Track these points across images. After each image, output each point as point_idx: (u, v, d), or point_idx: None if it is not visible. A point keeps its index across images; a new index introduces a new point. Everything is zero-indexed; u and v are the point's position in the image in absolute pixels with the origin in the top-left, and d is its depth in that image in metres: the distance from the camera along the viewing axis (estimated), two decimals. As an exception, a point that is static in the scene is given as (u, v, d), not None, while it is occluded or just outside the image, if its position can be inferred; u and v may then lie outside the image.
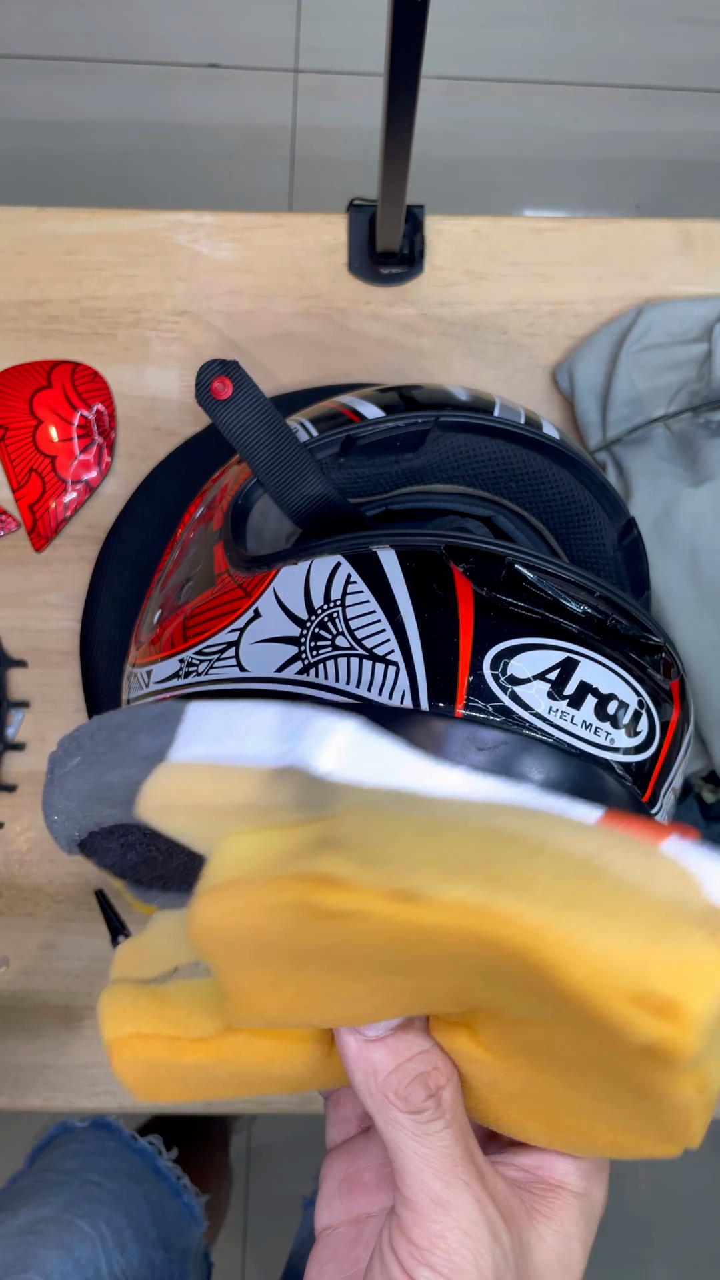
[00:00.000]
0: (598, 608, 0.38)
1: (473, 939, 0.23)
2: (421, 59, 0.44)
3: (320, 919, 0.23)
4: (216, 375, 0.43)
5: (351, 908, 0.22)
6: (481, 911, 0.22)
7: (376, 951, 0.24)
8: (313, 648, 0.38)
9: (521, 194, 1.40)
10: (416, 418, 0.45)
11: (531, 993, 0.23)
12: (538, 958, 0.22)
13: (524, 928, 0.22)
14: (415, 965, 0.25)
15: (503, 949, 0.22)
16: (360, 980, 0.26)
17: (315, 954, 0.25)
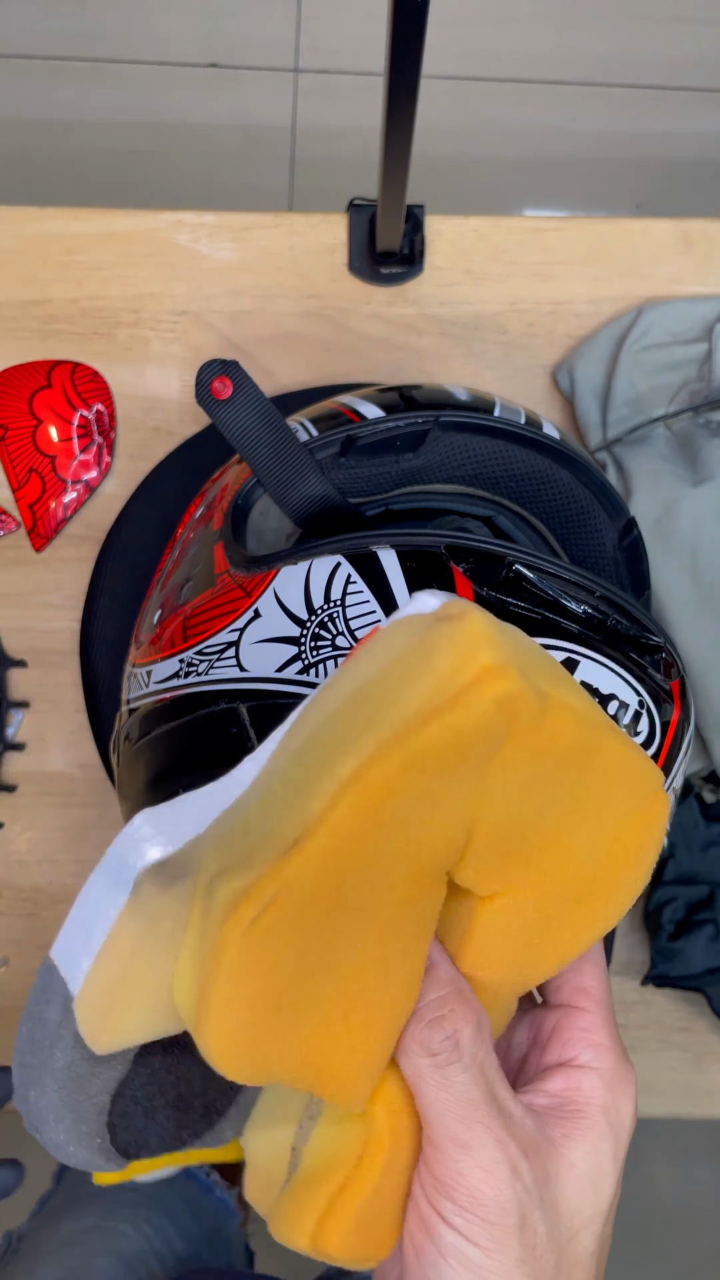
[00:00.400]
0: (598, 608, 0.38)
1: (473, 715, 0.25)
2: (421, 59, 0.44)
3: (276, 915, 0.24)
4: (216, 375, 0.43)
5: (269, 887, 0.24)
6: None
7: (334, 881, 0.25)
8: (313, 648, 0.38)
9: (521, 194, 1.40)
10: (416, 418, 0.45)
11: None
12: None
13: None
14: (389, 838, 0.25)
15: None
16: (344, 925, 0.26)
17: (296, 949, 0.25)
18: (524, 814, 0.27)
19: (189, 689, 0.41)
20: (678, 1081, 0.61)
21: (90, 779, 0.62)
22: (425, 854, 0.26)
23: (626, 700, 0.38)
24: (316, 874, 0.25)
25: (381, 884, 0.26)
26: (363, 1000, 0.27)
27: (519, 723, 0.25)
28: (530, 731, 0.25)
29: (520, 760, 0.26)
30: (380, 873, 0.26)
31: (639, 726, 0.39)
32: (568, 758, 0.27)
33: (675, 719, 0.41)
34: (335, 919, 0.25)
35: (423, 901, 0.27)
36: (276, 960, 0.25)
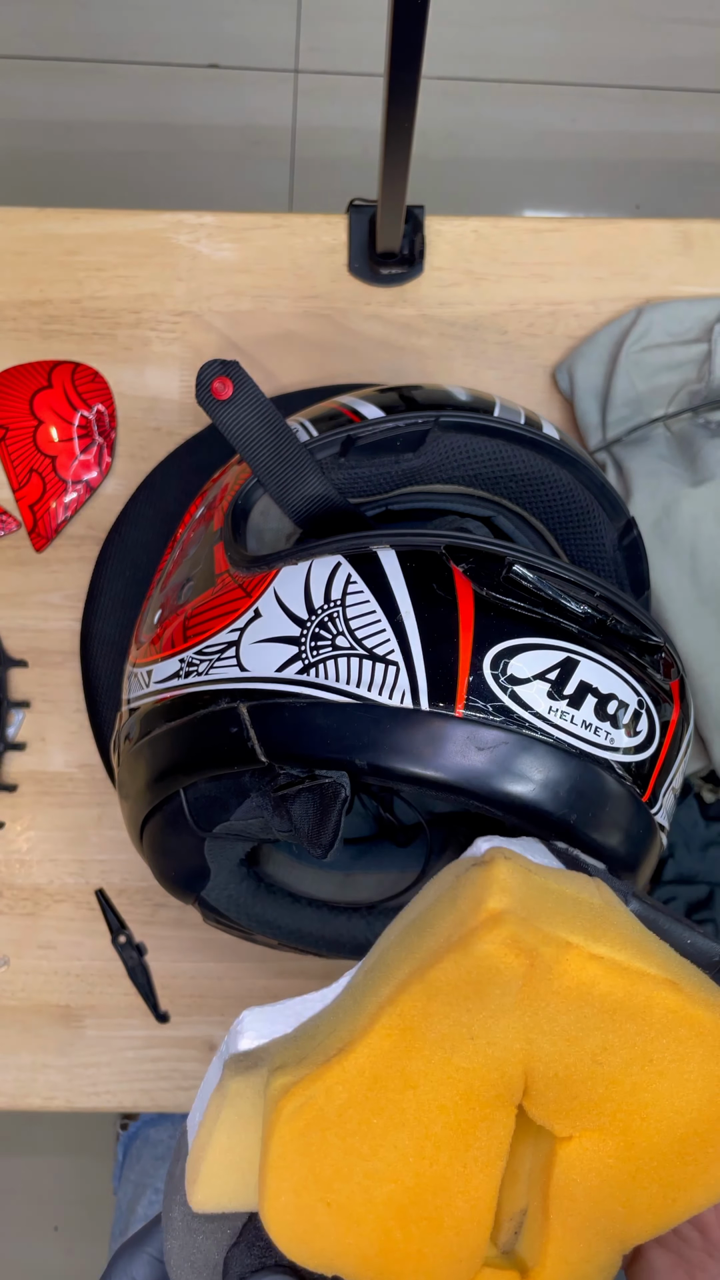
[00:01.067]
0: (598, 608, 0.38)
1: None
2: (421, 59, 0.44)
3: (317, 1115, 0.27)
4: (217, 375, 0.43)
5: (316, 1088, 0.27)
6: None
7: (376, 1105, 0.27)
8: (313, 647, 0.38)
9: (521, 194, 1.40)
10: (416, 418, 0.45)
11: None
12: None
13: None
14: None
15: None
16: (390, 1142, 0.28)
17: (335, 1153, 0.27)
18: (578, 1058, 0.28)
19: (189, 689, 0.41)
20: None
21: (90, 779, 0.62)
22: (477, 1082, 0.28)
23: (626, 700, 0.38)
24: (354, 1082, 0.27)
25: (430, 1103, 0.28)
26: (421, 1207, 0.28)
27: (535, 967, 0.27)
28: (549, 975, 0.27)
29: (552, 1004, 0.27)
30: (426, 1092, 0.27)
31: (638, 726, 0.39)
32: (610, 1007, 0.27)
33: (675, 719, 0.41)
34: (377, 1129, 0.27)
35: (484, 1129, 0.28)
36: (320, 1156, 0.27)
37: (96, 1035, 0.61)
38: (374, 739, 0.36)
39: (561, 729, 0.37)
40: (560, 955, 0.27)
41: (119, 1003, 0.61)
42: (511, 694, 0.36)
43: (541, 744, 0.36)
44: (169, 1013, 0.61)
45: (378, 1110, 0.27)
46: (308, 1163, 0.27)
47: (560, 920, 0.28)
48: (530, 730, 0.36)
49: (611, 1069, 0.28)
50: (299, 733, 0.38)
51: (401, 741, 0.36)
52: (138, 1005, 0.61)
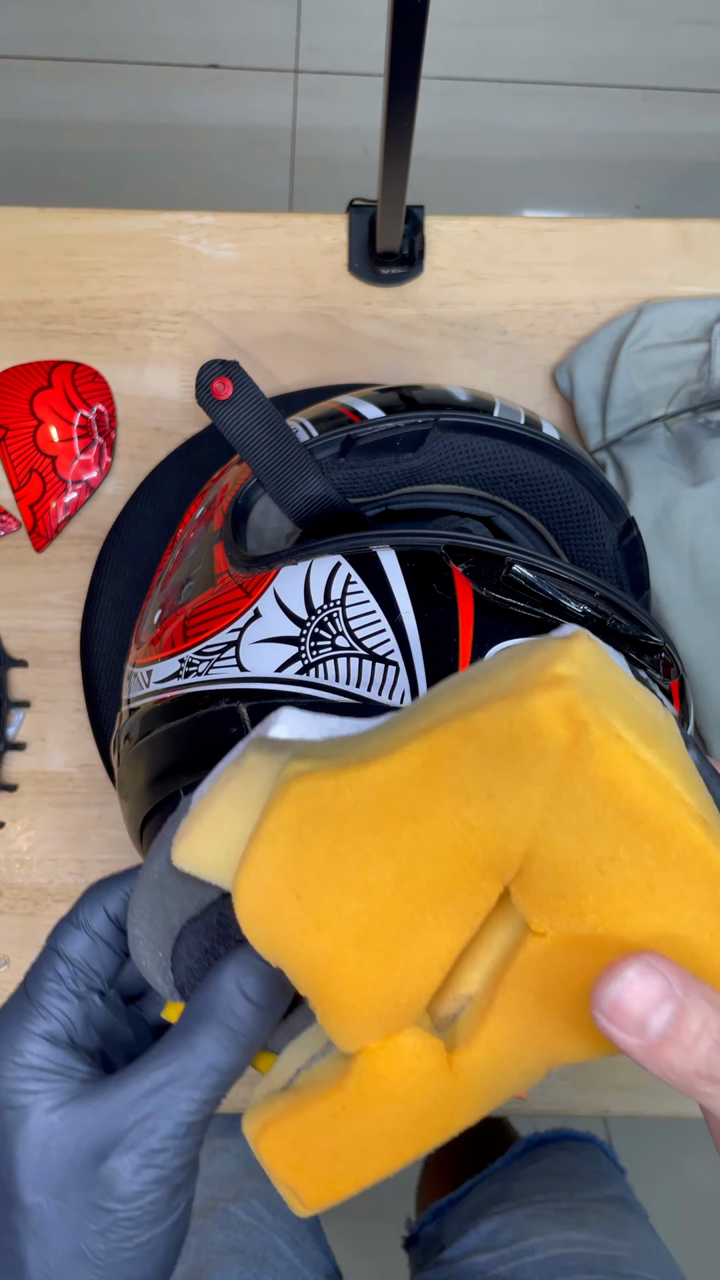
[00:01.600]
0: (597, 608, 0.38)
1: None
2: (421, 59, 0.44)
3: (318, 807, 0.27)
4: (217, 375, 0.43)
5: (326, 783, 0.27)
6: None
7: (373, 815, 0.27)
8: (313, 647, 0.38)
9: (521, 194, 1.40)
10: (416, 418, 0.45)
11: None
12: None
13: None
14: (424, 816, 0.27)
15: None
16: (377, 857, 0.27)
17: (333, 843, 0.27)
18: (583, 858, 0.27)
19: (189, 689, 0.41)
20: (677, 1081, 0.61)
21: (90, 779, 0.62)
22: (477, 843, 0.27)
23: (626, 700, 0.38)
24: (363, 794, 0.27)
25: (426, 842, 0.27)
26: (382, 939, 0.28)
27: (579, 743, 0.26)
28: (589, 757, 0.26)
29: (580, 789, 0.26)
30: (427, 831, 0.27)
31: (638, 726, 0.39)
32: (635, 816, 0.26)
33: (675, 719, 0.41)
34: (369, 846, 0.27)
35: (467, 891, 0.28)
36: (308, 847, 0.27)
37: (96, 1035, 0.61)
38: (374, 739, 0.36)
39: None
40: (607, 741, 0.26)
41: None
42: (511, 694, 0.36)
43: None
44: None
45: (376, 829, 0.27)
46: (294, 849, 0.27)
47: (620, 714, 0.26)
48: (530, 730, 0.36)
49: (611, 883, 0.27)
50: (299, 733, 0.38)
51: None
52: (138, 1005, 0.61)
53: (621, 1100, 0.61)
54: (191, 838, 0.30)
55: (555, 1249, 0.61)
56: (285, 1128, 0.30)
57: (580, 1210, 0.66)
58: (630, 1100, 0.61)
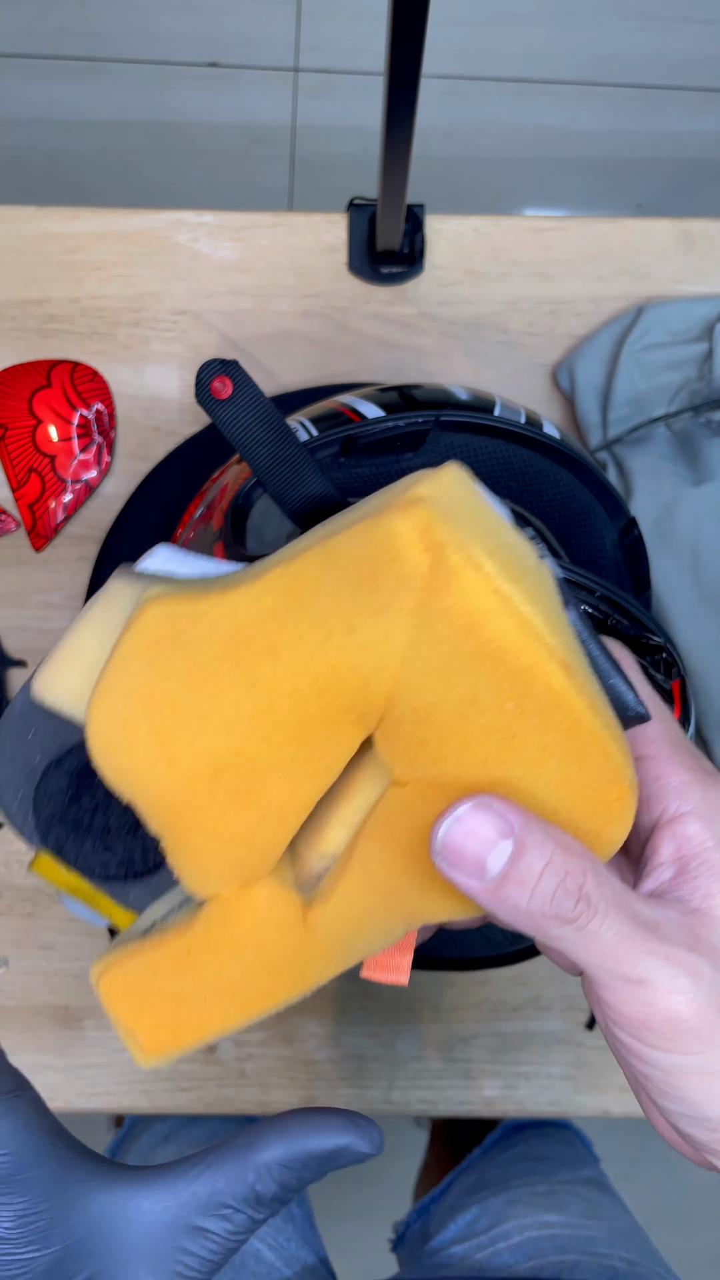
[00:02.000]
0: (598, 607, 0.38)
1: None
2: (421, 59, 0.44)
3: (173, 633, 0.26)
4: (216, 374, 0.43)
5: (183, 608, 0.26)
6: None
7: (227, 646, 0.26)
8: (313, 648, 0.38)
9: (521, 194, 1.40)
10: (416, 417, 0.45)
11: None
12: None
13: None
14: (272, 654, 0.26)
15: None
16: (230, 686, 0.26)
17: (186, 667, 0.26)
18: (444, 700, 0.26)
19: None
20: (678, 1082, 0.61)
21: (90, 779, 0.62)
22: (337, 682, 0.26)
23: (627, 700, 0.38)
24: (220, 621, 0.26)
25: (286, 679, 0.26)
26: (236, 777, 0.27)
27: (437, 571, 0.24)
28: (448, 587, 0.24)
29: (439, 624, 0.25)
30: (286, 666, 0.26)
31: (639, 726, 0.39)
32: (494, 653, 0.25)
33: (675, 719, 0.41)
34: (226, 678, 0.26)
35: (328, 735, 0.27)
36: (161, 672, 0.26)
37: (96, 1036, 0.61)
38: (374, 739, 0.36)
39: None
40: (465, 569, 0.24)
41: (119, 1003, 0.61)
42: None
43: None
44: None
45: (233, 661, 0.26)
46: (147, 676, 0.26)
47: (483, 545, 0.25)
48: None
49: (471, 729, 0.26)
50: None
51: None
52: (137, 1006, 0.61)
53: (621, 1100, 0.61)
54: (51, 666, 0.29)
55: (530, 1231, 0.61)
56: (128, 968, 0.29)
57: (556, 1193, 0.66)
58: (630, 1100, 0.61)
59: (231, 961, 0.29)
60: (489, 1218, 0.64)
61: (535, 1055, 0.62)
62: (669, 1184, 1.30)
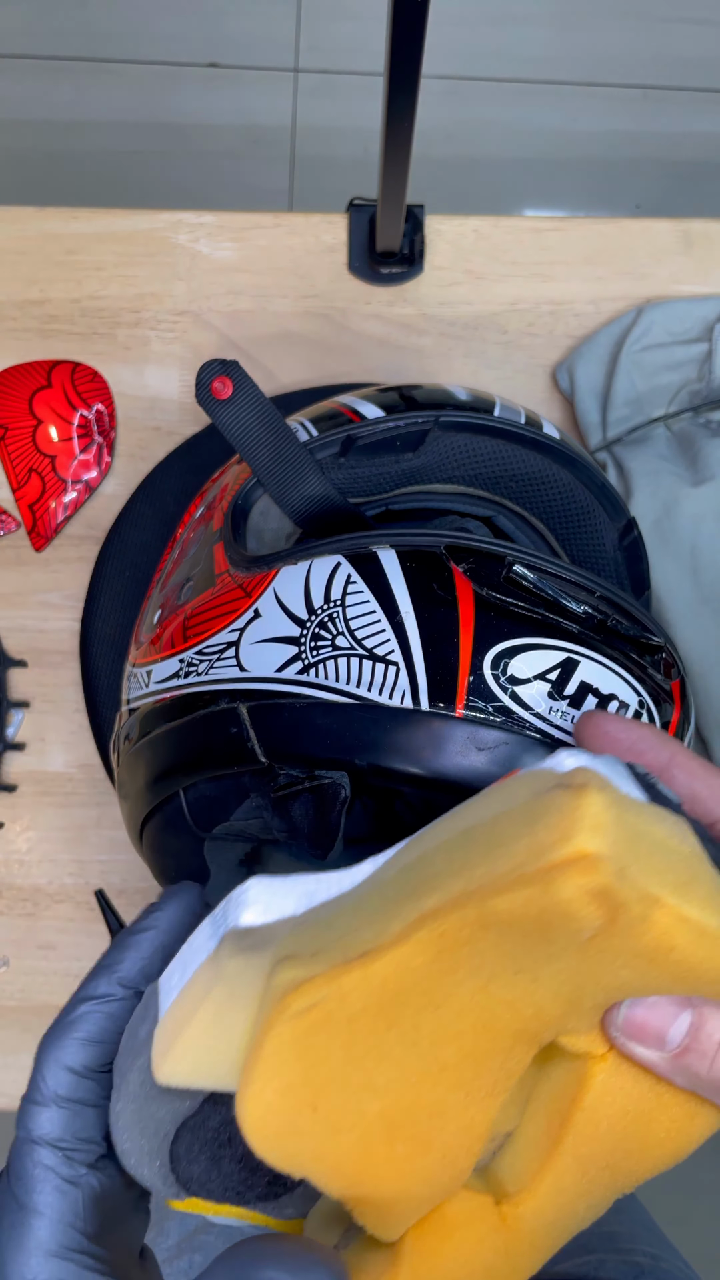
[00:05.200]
0: (598, 608, 0.38)
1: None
2: (421, 59, 0.44)
3: (323, 1017, 0.24)
4: (216, 375, 0.43)
5: (328, 990, 0.24)
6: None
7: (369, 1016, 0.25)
8: (313, 648, 0.38)
9: (521, 194, 1.40)
10: (416, 417, 0.45)
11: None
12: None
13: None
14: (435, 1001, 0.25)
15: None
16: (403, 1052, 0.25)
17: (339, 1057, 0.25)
18: (629, 992, 0.26)
19: (189, 689, 0.41)
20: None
21: (90, 779, 0.62)
22: (507, 1015, 0.25)
23: (627, 700, 0.38)
24: (373, 993, 0.25)
25: (449, 1027, 0.25)
26: (410, 1134, 0.26)
27: (616, 921, 0.24)
28: (629, 934, 0.24)
29: (621, 959, 0.25)
30: (448, 1015, 0.25)
31: (639, 726, 0.39)
32: (682, 973, 0.25)
33: (675, 719, 0.41)
34: (388, 1044, 0.25)
35: (499, 1061, 0.26)
36: (318, 1060, 0.25)
37: (96, 1036, 0.61)
38: (374, 739, 0.36)
39: (562, 729, 0.37)
40: (648, 914, 0.24)
41: (119, 1003, 0.61)
42: (512, 694, 0.36)
43: (542, 744, 0.36)
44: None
45: (391, 1025, 0.25)
46: (303, 1066, 0.25)
47: (653, 872, 0.24)
48: (531, 731, 0.36)
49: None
50: (299, 733, 0.37)
51: (401, 742, 0.36)
52: (137, 1006, 0.61)
53: (622, 1101, 0.61)
54: (177, 1055, 0.27)
55: None
56: None
57: None
58: (630, 1101, 0.61)
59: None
60: None
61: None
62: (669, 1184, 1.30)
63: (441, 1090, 0.26)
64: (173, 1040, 0.27)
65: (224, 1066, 0.27)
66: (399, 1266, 0.27)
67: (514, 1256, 0.28)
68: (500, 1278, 0.28)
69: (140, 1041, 0.29)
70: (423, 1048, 0.25)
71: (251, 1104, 0.25)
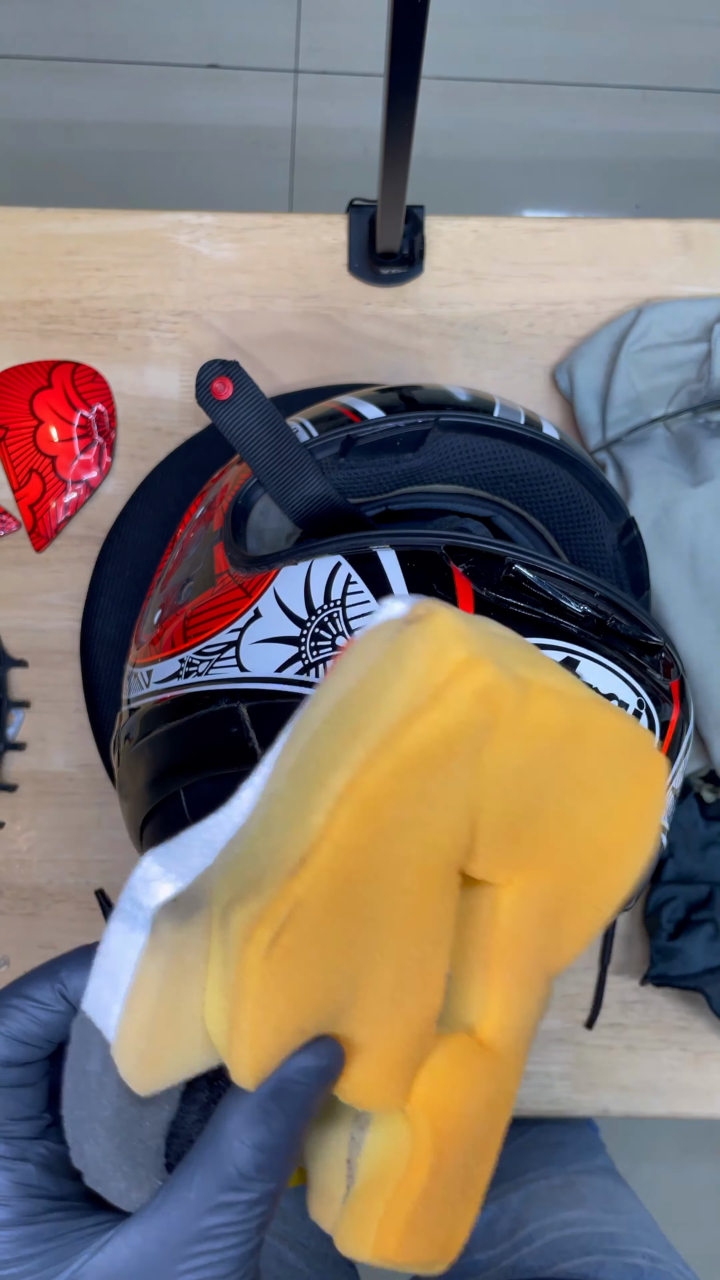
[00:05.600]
0: (598, 608, 0.38)
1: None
2: (421, 59, 0.44)
3: (290, 939, 0.24)
4: (217, 375, 0.43)
5: (280, 909, 0.24)
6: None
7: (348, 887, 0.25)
8: (313, 648, 0.38)
9: (521, 194, 1.40)
10: (416, 418, 0.45)
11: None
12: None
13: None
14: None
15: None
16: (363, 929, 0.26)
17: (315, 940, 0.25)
18: (525, 798, 0.27)
19: (189, 689, 0.41)
20: (677, 1081, 0.61)
21: (90, 779, 0.62)
22: (433, 853, 0.26)
23: (626, 700, 0.38)
24: (327, 889, 0.25)
25: (393, 890, 0.26)
26: (386, 1009, 0.26)
27: (503, 712, 0.25)
28: (515, 719, 0.26)
29: (511, 748, 0.26)
30: (389, 879, 0.26)
31: (638, 726, 0.39)
32: (558, 739, 0.27)
33: (675, 719, 0.41)
34: (351, 931, 0.25)
35: (437, 901, 0.27)
36: (301, 980, 0.25)
37: (96, 1035, 0.61)
38: (374, 739, 0.36)
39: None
40: (525, 694, 0.25)
41: (119, 1003, 0.61)
42: (511, 694, 0.36)
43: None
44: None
45: (349, 911, 0.25)
46: (286, 992, 0.25)
47: (511, 658, 0.26)
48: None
49: (549, 802, 0.27)
50: (299, 733, 0.37)
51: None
52: (138, 1005, 0.61)
53: (621, 1100, 0.61)
54: (151, 1057, 0.26)
55: (552, 1233, 0.61)
56: (398, 1221, 0.27)
57: (574, 1184, 0.66)
58: (630, 1100, 0.61)
59: (466, 1140, 0.28)
60: (509, 1219, 0.64)
61: (534, 1054, 0.62)
62: (669, 1184, 1.30)
63: (401, 954, 0.26)
64: (143, 1042, 0.26)
65: (198, 1046, 0.26)
66: (419, 1134, 0.27)
67: (503, 1073, 0.29)
68: (499, 1102, 0.29)
69: (94, 1076, 0.27)
70: (381, 920, 0.26)
71: (246, 1055, 0.25)
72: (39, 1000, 0.29)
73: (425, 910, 0.26)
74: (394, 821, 0.25)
